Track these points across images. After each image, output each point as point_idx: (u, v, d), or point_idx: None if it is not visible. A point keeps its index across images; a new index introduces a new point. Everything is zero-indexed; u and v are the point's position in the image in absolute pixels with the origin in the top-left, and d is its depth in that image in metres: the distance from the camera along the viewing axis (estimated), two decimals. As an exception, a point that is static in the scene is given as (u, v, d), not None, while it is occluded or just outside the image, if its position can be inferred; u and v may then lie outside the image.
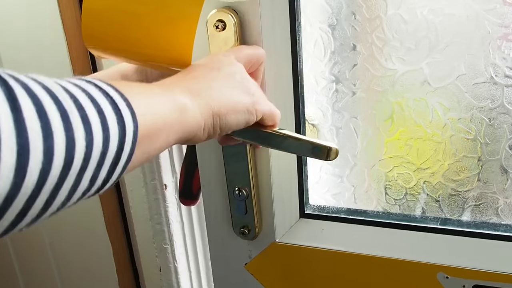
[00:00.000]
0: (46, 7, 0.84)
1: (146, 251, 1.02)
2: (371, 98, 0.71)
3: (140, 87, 0.38)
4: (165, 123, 0.37)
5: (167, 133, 0.38)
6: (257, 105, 0.46)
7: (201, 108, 0.41)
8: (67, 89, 0.30)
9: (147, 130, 0.35)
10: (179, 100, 0.39)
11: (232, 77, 0.45)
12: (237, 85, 0.45)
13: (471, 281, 0.65)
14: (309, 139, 0.49)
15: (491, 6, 0.61)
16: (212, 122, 0.42)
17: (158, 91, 0.39)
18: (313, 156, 0.48)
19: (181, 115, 0.39)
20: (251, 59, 0.51)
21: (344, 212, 0.78)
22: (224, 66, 0.46)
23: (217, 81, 0.44)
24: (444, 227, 0.72)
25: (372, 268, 0.70)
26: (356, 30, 0.68)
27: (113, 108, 0.32)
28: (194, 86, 0.42)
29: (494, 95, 0.65)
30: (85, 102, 0.30)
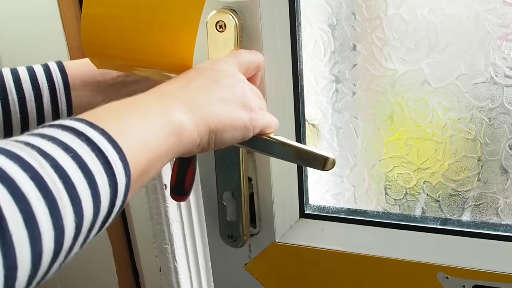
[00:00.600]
0: (46, 7, 0.84)
1: (146, 251, 1.02)
2: (371, 98, 0.71)
3: (131, 114, 0.35)
4: (160, 154, 0.36)
5: (162, 161, 0.37)
6: (255, 121, 0.45)
7: (198, 126, 0.40)
8: (49, 156, 0.27)
9: (140, 171, 0.34)
10: (176, 119, 0.38)
11: (232, 91, 0.44)
12: (236, 100, 0.44)
13: (471, 281, 0.65)
14: (305, 147, 0.48)
15: (491, 6, 0.61)
16: (208, 139, 0.41)
17: (153, 112, 0.37)
18: (309, 166, 0.47)
19: (177, 138, 0.38)
20: (251, 65, 0.50)
21: (344, 212, 0.78)
22: (225, 78, 0.44)
23: (217, 94, 0.42)
24: (444, 227, 0.72)
25: (372, 268, 0.70)
26: (356, 30, 0.68)
27: (104, 169, 0.30)
28: (193, 99, 0.41)
29: (494, 95, 0.65)
30: (74, 174, 0.28)
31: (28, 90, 0.51)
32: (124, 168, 0.32)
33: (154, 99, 0.39)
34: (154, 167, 0.36)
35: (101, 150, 0.31)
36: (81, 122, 0.32)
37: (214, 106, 0.42)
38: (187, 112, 0.39)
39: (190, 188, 0.73)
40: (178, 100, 0.40)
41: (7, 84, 0.50)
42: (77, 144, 0.30)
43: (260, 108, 0.47)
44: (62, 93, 0.52)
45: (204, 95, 0.42)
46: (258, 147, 0.48)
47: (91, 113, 0.34)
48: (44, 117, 0.52)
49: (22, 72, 0.52)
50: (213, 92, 0.42)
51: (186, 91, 0.41)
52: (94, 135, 0.31)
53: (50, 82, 0.52)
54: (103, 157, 0.30)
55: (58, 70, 0.53)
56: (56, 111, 0.53)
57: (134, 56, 0.46)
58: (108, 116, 0.34)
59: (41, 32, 0.86)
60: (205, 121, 0.40)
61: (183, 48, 0.45)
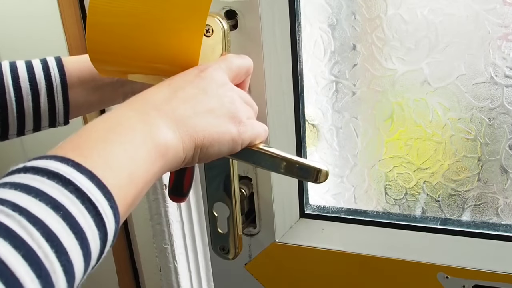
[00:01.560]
0: (46, 7, 0.84)
1: (146, 251, 1.02)
2: (371, 98, 0.71)
3: (117, 143, 0.33)
4: (147, 181, 0.35)
5: (148, 186, 0.36)
6: (244, 133, 0.43)
7: (184, 142, 0.38)
8: (39, 223, 0.26)
9: (128, 206, 0.33)
10: (161, 140, 0.36)
11: (220, 102, 0.42)
12: (224, 111, 0.42)
13: (471, 281, 0.65)
14: (297, 159, 0.45)
15: (491, 6, 0.61)
16: (193, 154, 0.39)
17: (138, 136, 0.35)
18: (301, 178, 0.45)
19: (163, 160, 0.36)
20: (240, 70, 0.47)
21: (344, 212, 0.78)
22: (213, 87, 0.42)
23: (204, 105, 0.40)
24: (444, 227, 0.72)
25: (372, 268, 0.70)
26: (356, 30, 0.68)
27: (95, 222, 0.29)
28: (180, 112, 0.39)
29: (494, 95, 0.65)
30: (66, 239, 0.27)
31: (25, 88, 0.51)
32: (114, 215, 0.31)
33: (137, 117, 0.37)
34: (140, 196, 0.35)
35: (91, 201, 0.29)
36: (67, 165, 0.29)
37: (201, 119, 0.40)
38: (173, 128, 0.37)
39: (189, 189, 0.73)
40: (163, 114, 0.38)
41: (5, 82, 0.50)
42: (66, 198, 0.28)
43: (249, 117, 0.45)
44: (59, 92, 0.52)
45: (191, 107, 0.40)
46: (247, 158, 0.46)
47: (75, 145, 0.32)
48: (40, 116, 0.52)
49: (20, 69, 0.51)
50: (201, 103, 0.40)
51: (172, 103, 0.39)
52: (83, 182, 0.29)
53: (48, 81, 0.52)
54: (93, 209, 0.29)
55: (57, 68, 0.53)
56: (53, 109, 0.53)
57: (139, 63, 0.46)
58: (94, 148, 0.32)
59: (41, 32, 0.86)
60: (191, 136, 0.39)
61: (188, 55, 0.44)
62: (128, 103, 0.39)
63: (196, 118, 0.39)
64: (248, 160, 0.46)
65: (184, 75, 0.43)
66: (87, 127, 0.34)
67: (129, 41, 0.43)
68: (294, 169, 0.45)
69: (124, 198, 0.32)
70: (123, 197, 0.32)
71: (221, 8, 0.60)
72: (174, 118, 0.38)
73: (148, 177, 0.35)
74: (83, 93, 0.54)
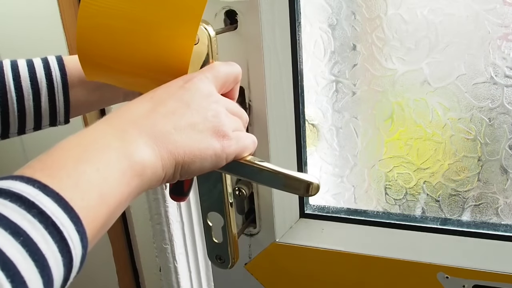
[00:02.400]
0: (46, 8, 0.84)
1: (146, 251, 1.02)
2: (371, 98, 0.71)
3: (89, 162, 0.32)
4: (121, 202, 0.33)
5: (123, 207, 0.34)
6: (228, 148, 0.41)
7: (163, 160, 0.36)
8: None
9: (98, 228, 0.31)
10: (139, 159, 0.34)
11: (203, 115, 0.40)
12: (208, 125, 0.40)
13: (471, 281, 0.65)
14: (287, 172, 0.43)
15: (491, 6, 0.61)
16: (173, 172, 0.38)
17: (113, 154, 0.33)
18: (291, 191, 0.43)
19: (140, 180, 0.35)
20: (228, 78, 0.45)
21: (344, 212, 0.78)
22: (197, 99, 0.40)
23: (186, 120, 0.39)
24: (444, 227, 0.72)
25: (372, 268, 0.70)
26: (356, 30, 0.68)
27: (59, 248, 0.27)
28: (159, 128, 0.37)
29: (494, 95, 0.65)
30: (25, 267, 0.25)
31: (26, 87, 0.51)
32: (81, 239, 0.29)
33: (114, 134, 0.35)
34: (114, 217, 0.34)
35: (56, 225, 0.27)
36: (32, 186, 0.28)
37: (181, 135, 0.38)
38: (151, 145, 0.36)
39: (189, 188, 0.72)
40: (142, 130, 0.36)
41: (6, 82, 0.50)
42: (27, 223, 0.26)
43: (236, 129, 0.43)
44: (60, 92, 0.52)
45: (171, 122, 0.38)
46: (235, 172, 0.44)
47: (45, 164, 0.30)
48: (41, 115, 0.52)
49: (22, 68, 0.51)
50: (183, 117, 0.39)
51: (151, 118, 0.37)
52: (48, 205, 0.28)
53: (49, 80, 0.52)
54: (58, 234, 0.27)
55: (58, 67, 0.53)
56: (53, 109, 0.53)
57: (128, 69, 0.45)
58: (63, 168, 0.30)
59: (41, 32, 0.86)
60: (171, 154, 0.37)
61: (178, 63, 0.43)
62: (107, 118, 0.37)
63: (177, 133, 0.38)
64: (236, 173, 0.44)
65: (168, 87, 0.41)
66: (60, 144, 0.33)
67: (118, 46, 0.43)
68: (284, 182, 0.43)
69: (93, 221, 0.30)
70: (92, 220, 0.30)
71: (221, 8, 0.60)
72: (153, 134, 0.36)
73: (122, 198, 0.33)
74: (84, 92, 0.54)
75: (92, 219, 0.30)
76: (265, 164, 0.44)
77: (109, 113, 0.38)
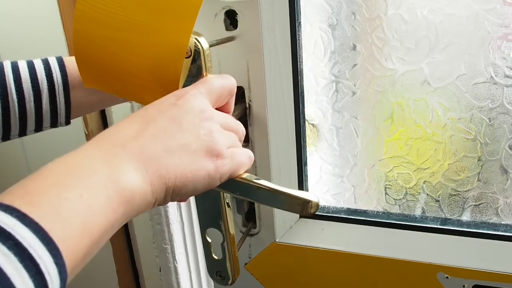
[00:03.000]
0: (46, 8, 0.84)
1: (146, 251, 1.02)
2: (371, 98, 0.71)
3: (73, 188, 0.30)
4: (107, 231, 0.31)
5: (108, 236, 0.32)
6: (222, 167, 0.39)
7: (153, 185, 0.34)
8: None
9: (80, 259, 0.30)
10: (126, 185, 0.33)
11: (196, 134, 0.38)
12: (200, 145, 0.38)
13: (471, 281, 0.65)
14: (284, 190, 0.42)
15: (491, 6, 0.61)
16: (164, 196, 0.36)
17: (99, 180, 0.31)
18: (289, 210, 0.42)
19: (127, 206, 0.33)
20: (223, 92, 0.43)
21: (344, 212, 0.78)
22: (190, 116, 0.38)
23: (177, 140, 0.37)
24: (444, 227, 0.72)
25: (372, 268, 0.70)
26: (356, 30, 0.68)
27: (34, 283, 0.26)
28: (149, 150, 0.35)
29: (494, 95, 0.65)
30: None
31: (27, 89, 0.51)
32: (60, 272, 0.27)
33: (101, 158, 0.33)
34: (98, 246, 0.32)
35: (33, 258, 0.26)
36: (10, 215, 0.26)
37: (172, 158, 0.36)
38: (141, 170, 0.34)
39: None
40: (130, 153, 0.34)
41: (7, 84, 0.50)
42: (2, 256, 0.25)
43: (231, 145, 0.41)
44: (61, 94, 0.52)
45: (162, 143, 0.36)
46: (230, 190, 0.42)
47: (26, 190, 0.29)
48: (42, 117, 0.52)
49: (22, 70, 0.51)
50: (173, 138, 0.37)
51: (140, 140, 0.36)
52: (25, 236, 0.26)
53: (50, 82, 0.52)
54: (34, 267, 0.26)
55: (59, 68, 0.53)
56: (54, 110, 0.53)
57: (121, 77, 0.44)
58: (45, 195, 0.29)
59: (41, 32, 0.86)
60: (162, 178, 0.35)
61: (169, 75, 0.42)
62: (95, 141, 0.35)
63: (168, 156, 0.36)
64: (231, 191, 0.42)
65: (159, 104, 0.40)
66: (44, 168, 0.31)
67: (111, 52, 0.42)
68: (281, 201, 0.42)
69: (74, 252, 0.29)
70: (73, 251, 0.29)
71: (221, 8, 0.60)
72: (143, 158, 0.35)
73: (107, 226, 0.31)
74: (85, 93, 0.54)
75: (73, 250, 0.29)
76: (262, 182, 0.42)
77: (98, 134, 0.36)
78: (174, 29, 0.41)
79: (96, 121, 0.93)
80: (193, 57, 0.43)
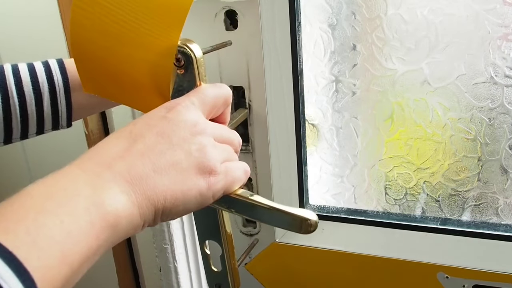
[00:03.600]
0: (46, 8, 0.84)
1: (146, 251, 1.02)
2: (371, 98, 0.71)
3: (53, 213, 0.28)
4: (89, 257, 0.30)
5: (91, 262, 0.30)
6: (215, 185, 0.36)
7: (141, 208, 0.32)
8: None
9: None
10: (111, 209, 0.31)
11: (187, 150, 0.35)
12: (192, 161, 0.35)
13: (471, 281, 0.65)
14: (282, 207, 0.39)
15: (491, 6, 0.61)
16: (153, 218, 0.34)
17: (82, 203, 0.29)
18: (287, 228, 0.40)
19: (112, 231, 0.31)
20: (217, 102, 0.41)
21: (344, 212, 0.78)
22: (181, 131, 0.36)
23: (167, 157, 0.34)
24: (444, 227, 0.72)
25: (372, 268, 0.70)
26: (356, 30, 0.68)
27: None
28: (137, 170, 0.33)
29: (494, 95, 0.65)
30: None
31: (28, 93, 0.51)
32: None
33: (85, 179, 0.31)
34: (79, 274, 0.30)
35: None
36: None
37: (161, 178, 0.34)
38: (127, 192, 0.32)
39: None
40: (117, 174, 0.32)
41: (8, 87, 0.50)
42: None
43: (225, 159, 0.38)
44: (62, 96, 0.52)
45: (150, 162, 0.34)
46: (222, 206, 0.40)
47: (2, 215, 0.27)
48: (43, 119, 0.52)
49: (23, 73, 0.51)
50: (163, 155, 0.34)
51: (128, 159, 0.33)
52: None
53: (51, 84, 0.51)
54: None
55: (59, 71, 0.52)
56: (56, 113, 0.53)
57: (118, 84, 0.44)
58: (22, 220, 0.27)
59: (41, 32, 0.86)
60: (150, 200, 0.33)
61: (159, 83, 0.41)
62: (81, 160, 0.33)
63: (156, 176, 0.34)
64: (226, 208, 0.40)
65: (149, 118, 0.37)
66: (25, 190, 0.29)
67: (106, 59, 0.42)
68: (277, 218, 0.40)
69: (53, 282, 0.27)
70: (51, 281, 0.27)
71: (221, 8, 0.60)
72: (130, 178, 0.32)
73: (89, 253, 0.29)
74: (86, 95, 0.54)
75: (50, 281, 0.27)
76: (257, 199, 0.40)
77: (84, 153, 0.34)
78: (164, 30, 0.41)
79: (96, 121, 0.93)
80: (186, 66, 0.41)
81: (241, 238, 0.74)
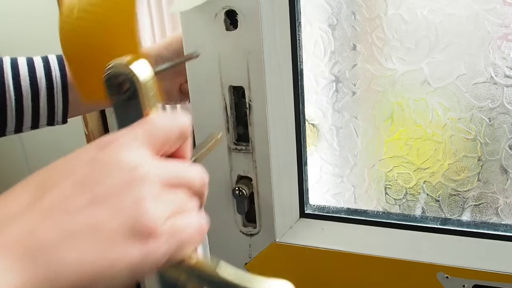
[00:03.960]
0: (46, 8, 0.84)
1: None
2: (371, 98, 0.71)
3: None
4: None
5: None
6: (154, 253, 0.27)
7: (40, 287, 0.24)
8: None
9: None
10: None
11: (116, 207, 0.26)
12: (121, 223, 0.26)
13: (471, 281, 0.65)
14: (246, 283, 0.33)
15: (491, 6, 0.61)
16: None
17: None
18: None
19: None
20: (170, 135, 0.32)
21: (344, 212, 0.78)
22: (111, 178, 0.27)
23: (86, 217, 0.25)
24: (444, 227, 0.72)
25: (372, 268, 0.70)
26: (356, 30, 0.68)
27: None
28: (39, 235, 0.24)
29: (494, 95, 0.65)
30: None
31: (25, 87, 0.51)
32: None
33: None
34: None
35: None
36: None
37: (74, 246, 0.25)
38: (20, 269, 0.23)
39: None
40: (9, 244, 0.24)
41: (6, 80, 0.50)
42: None
43: (173, 213, 0.29)
44: (59, 93, 0.52)
45: (59, 223, 0.25)
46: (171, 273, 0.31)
47: None
48: (39, 114, 0.52)
49: (21, 67, 0.51)
50: (78, 214, 0.25)
51: (30, 218, 0.25)
52: None
53: (49, 80, 0.51)
54: None
55: (58, 67, 0.52)
56: (52, 109, 0.52)
57: None
58: None
59: (41, 32, 0.86)
60: (55, 278, 0.24)
61: None
62: None
63: (66, 244, 0.24)
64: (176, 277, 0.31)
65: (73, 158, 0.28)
66: None
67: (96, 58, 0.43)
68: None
69: None
70: None
71: (221, 8, 0.60)
72: (26, 249, 0.24)
73: None
74: None
75: None
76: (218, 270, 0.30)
77: None
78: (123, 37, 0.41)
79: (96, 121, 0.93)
80: (131, 91, 0.32)
81: (241, 238, 0.74)
